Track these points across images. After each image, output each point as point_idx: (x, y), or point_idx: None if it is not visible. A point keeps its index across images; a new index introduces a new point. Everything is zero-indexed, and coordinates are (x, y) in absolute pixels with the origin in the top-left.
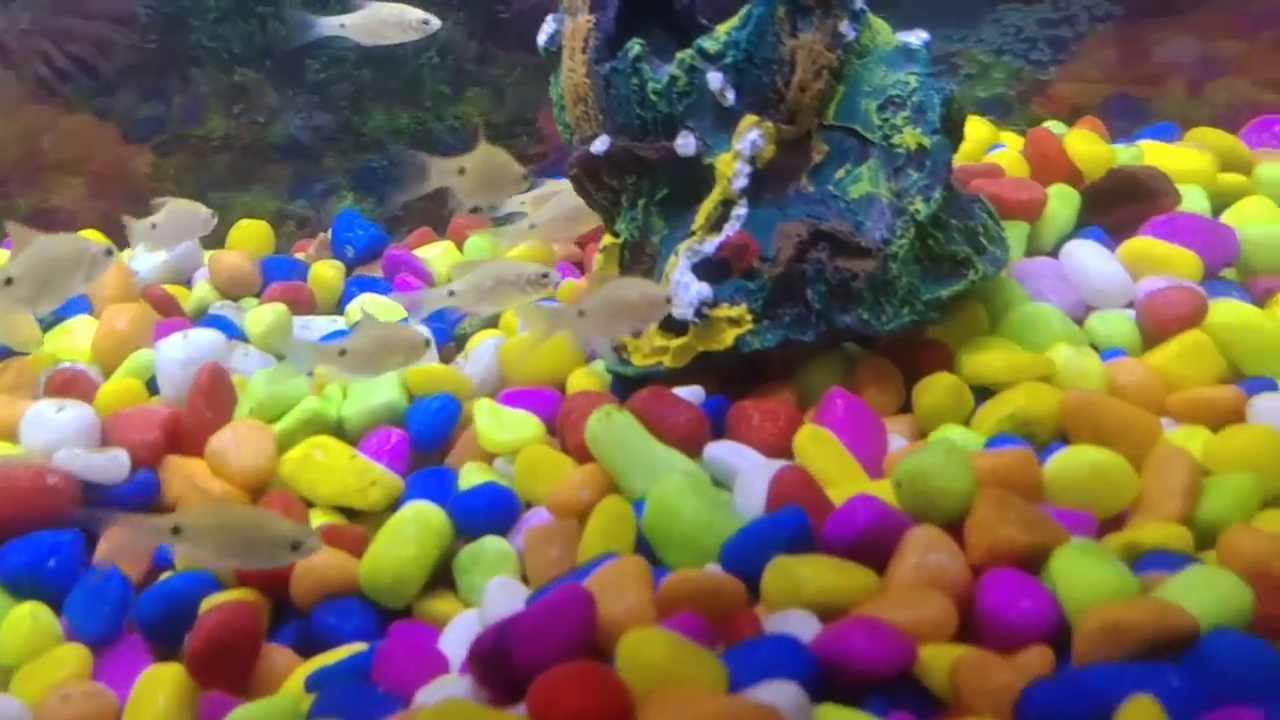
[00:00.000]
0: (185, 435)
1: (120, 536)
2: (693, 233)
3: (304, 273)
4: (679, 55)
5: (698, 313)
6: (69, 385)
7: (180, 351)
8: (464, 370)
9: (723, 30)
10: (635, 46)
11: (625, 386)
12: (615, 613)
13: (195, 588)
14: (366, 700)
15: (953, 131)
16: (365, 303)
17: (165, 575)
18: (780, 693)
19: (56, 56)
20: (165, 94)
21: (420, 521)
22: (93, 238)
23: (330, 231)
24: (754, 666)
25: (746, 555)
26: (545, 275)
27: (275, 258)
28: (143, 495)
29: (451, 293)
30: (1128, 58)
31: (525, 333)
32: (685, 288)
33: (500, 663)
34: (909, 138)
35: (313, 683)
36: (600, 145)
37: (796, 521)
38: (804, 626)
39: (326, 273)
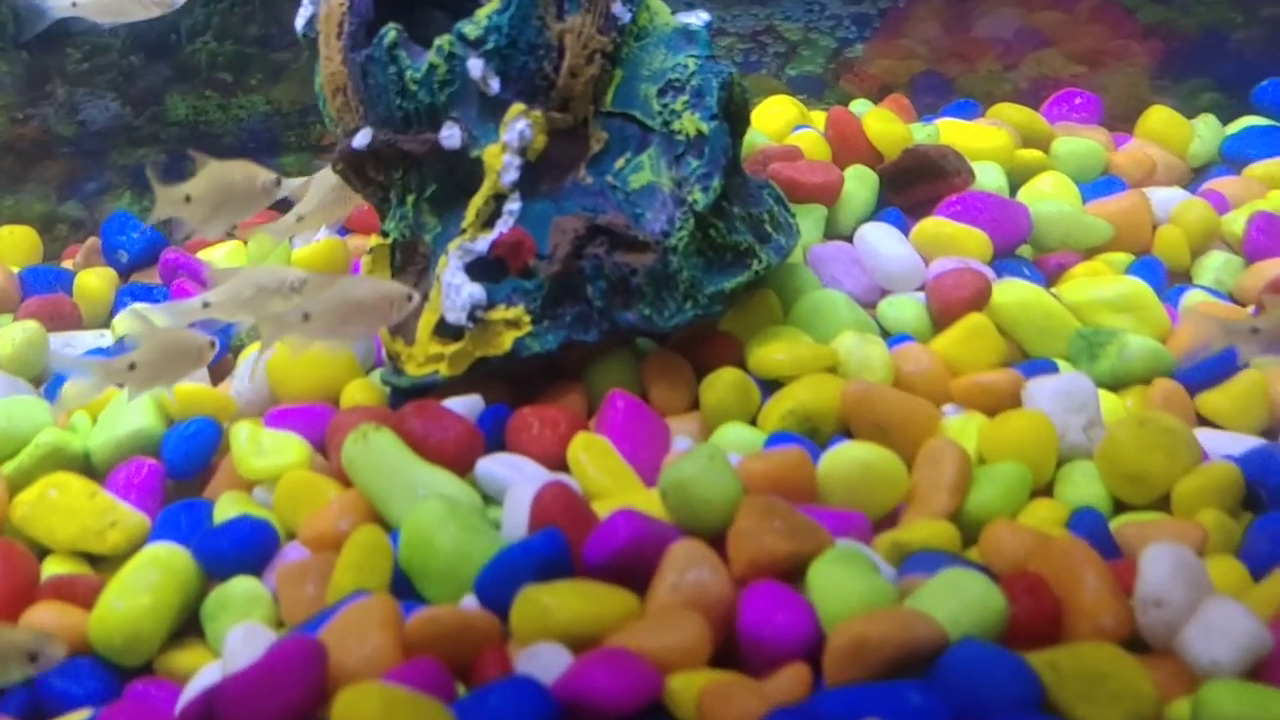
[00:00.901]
0: None
1: None
2: (464, 230)
3: (69, 283)
4: (436, 42)
5: (471, 316)
6: None
7: None
8: (232, 387)
9: (483, 14)
10: (390, 32)
11: (402, 398)
12: (351, 663)
13: None
14: None
15: (735, 116)
16: (126, 316)
17: None
18: None
19: None
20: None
21: (159, 565)
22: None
23: (100, 235)
24: (487, 715)
25: (500, 585)
26: (305, 280)
27: (37, 268)
28: None
29: (206, 304)
30: (938, 34)
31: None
32: (457, 290)
33: None
34: (688, 123)
35: None
36: (362, 139)
37: (552, 545)
38: (554, 661)
39: (93, 282)
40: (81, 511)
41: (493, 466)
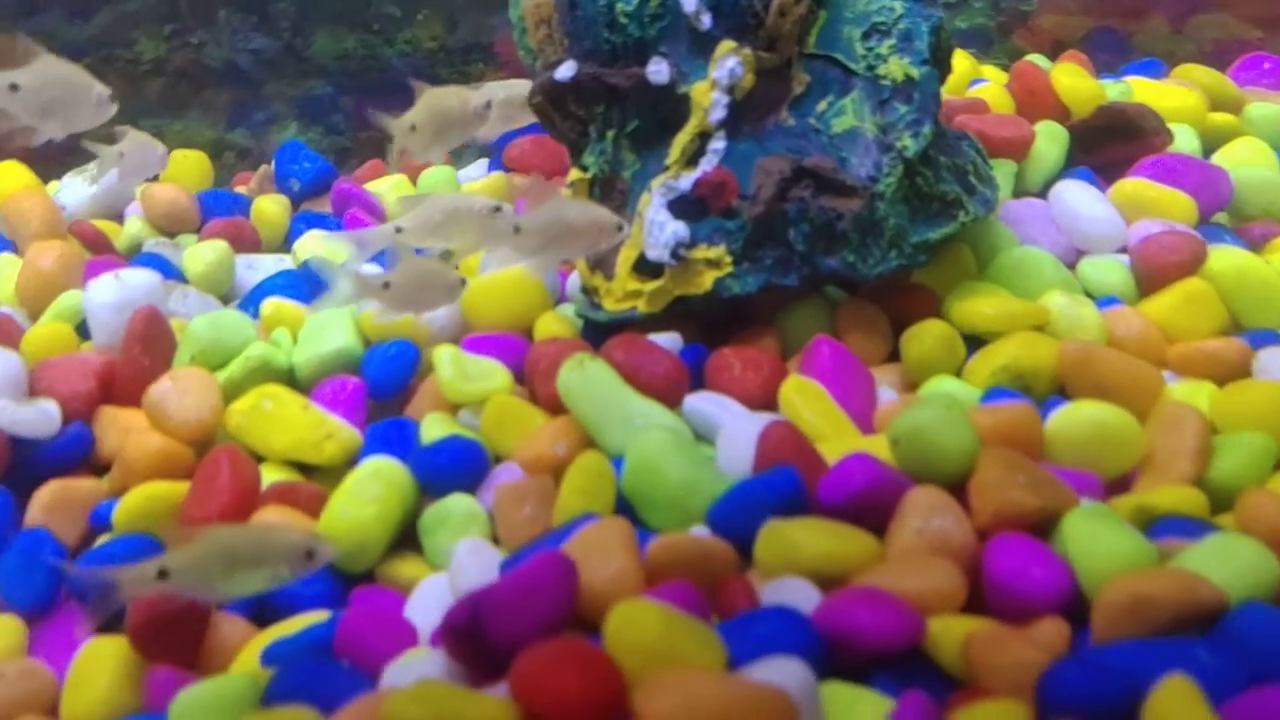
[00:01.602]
0: (121, 385)
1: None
2: (667, 168)
3: (246, 208)
4: None
5: (674, 254)
6: None
7: (113, 294)
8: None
9: None
10: None
11: (596, 333)
12: (598, 581)
13: (135, 552)
14: (330, 677)
15: (941, 62)
16: (311, 240)
17: (102, 539)
18: (785, 671)
19: None
20: (91, 13)
21: (381, 478)
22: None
23: (273, 164)
24: (753, 641)
25: (736, 518)
26: (499, 208)
27: (214, 191)
28: (76, 450)
29: (399, 229)
30: None
31: (488, 271)
32: (660, 227)
33: (476, 637)
34: (895, 68)
35: (271, 657)
36: (566, 71)
37: (790, 482)
38: (802, 595)
39: (270, 208)
40: (296, 423)
41: (700, 403)
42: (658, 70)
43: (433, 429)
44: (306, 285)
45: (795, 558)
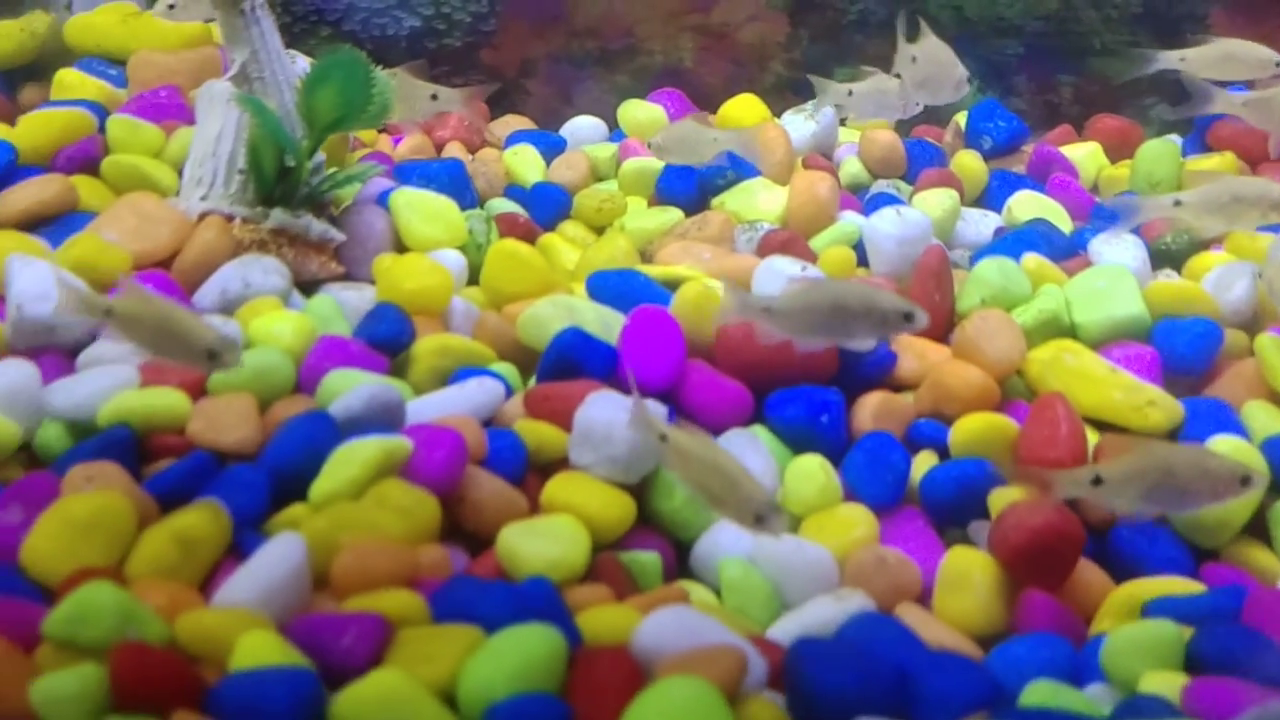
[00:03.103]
0: None
1: None
2: None
3: (943, 159)
4: None
5: None
6: (787, 246)
7: (895, 227)
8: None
9: None
10: None
11: None
12: None
13: (984, 476)
14: (1254, 648)
15: None
16: (1024, 200)
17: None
18: None
19: None
20: None
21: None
22: None
23: (965, 118)
24: None
25: None
26: None
27: (915, 140)
28: (882, 366)
29: (1178, 202)
30: None
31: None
32: None
33: None
34: None
35: (1156, 610)
36: None
37: None
38: None
39: (971, 163)
40: (1106, 383)
41: None
42: None
43: (1257, 417)
44: (1021, 244)
45: None
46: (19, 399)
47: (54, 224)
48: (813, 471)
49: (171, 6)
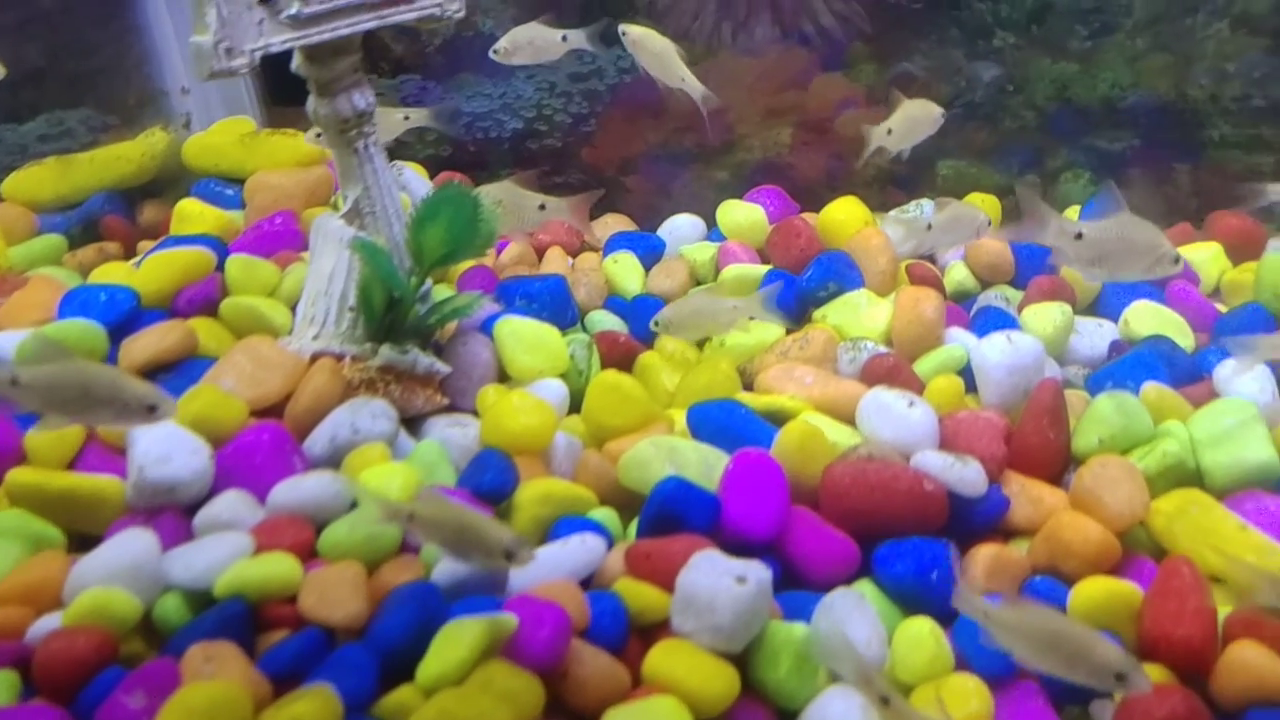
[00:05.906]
0: (1022, 453)
1: None
2: None
3: (1052, 264)
4: None
5: None
6: (893, 374)
7: (1005, 355)
8: None
9: None
10: None
11: None
12: None
13: None
14: None
15: None
16: (1137, 311)
17: None
18: None
19: (823, 13)
20: (913, 56)
21: None
22: None
23: (1076, 213)
24: None
25: None
26: None
27: (1030, 245)
28: (995, 513)
29: None
30: None
31: None
32: None
33: None
34: None
35: None
36: None
37: None
38: None
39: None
40: (1234, 541)
41: None
42: None
43: None
44: (1140, 368)
45: None
46: (141, 572)
47: (174, 370)
48: (923, 638)
49: (319, 135)
